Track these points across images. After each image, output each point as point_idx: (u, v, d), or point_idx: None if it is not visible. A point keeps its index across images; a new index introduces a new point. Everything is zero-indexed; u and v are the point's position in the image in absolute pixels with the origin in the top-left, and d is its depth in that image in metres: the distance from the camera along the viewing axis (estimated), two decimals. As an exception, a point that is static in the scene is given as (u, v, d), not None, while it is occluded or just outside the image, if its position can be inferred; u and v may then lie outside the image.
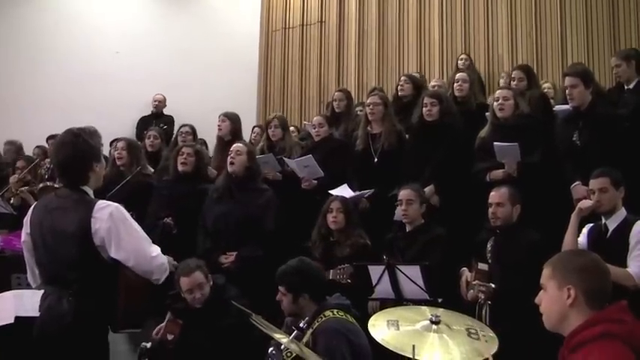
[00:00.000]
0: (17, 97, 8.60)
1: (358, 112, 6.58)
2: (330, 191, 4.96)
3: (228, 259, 4.75)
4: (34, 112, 8.43)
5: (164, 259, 2.96)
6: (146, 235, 2.96)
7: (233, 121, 5.98)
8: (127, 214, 2.89)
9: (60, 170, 3.00)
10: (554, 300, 2.11)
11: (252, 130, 7.29)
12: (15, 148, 7.78)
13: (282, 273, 3.48)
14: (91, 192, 2.95)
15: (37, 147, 7.61)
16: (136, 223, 2.93)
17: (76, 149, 2.90)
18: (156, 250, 2.94)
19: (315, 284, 3.49)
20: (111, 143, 5.82)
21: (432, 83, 7.00)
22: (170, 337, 3.84)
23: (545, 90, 6.75)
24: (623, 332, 1.97)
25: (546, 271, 2.16)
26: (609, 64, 6.97)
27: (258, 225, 4.86)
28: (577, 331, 2.03)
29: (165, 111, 9.06)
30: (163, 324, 3.89)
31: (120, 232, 2.81)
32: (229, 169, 5.04)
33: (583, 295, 2.06)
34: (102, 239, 2.79)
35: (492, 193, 4.17)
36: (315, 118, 5.99)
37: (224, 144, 5.78)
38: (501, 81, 7.49)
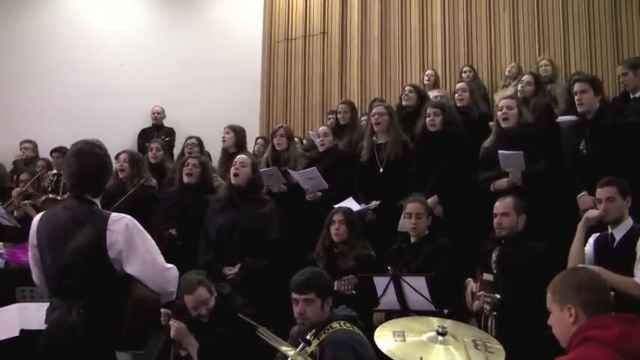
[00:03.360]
0: (20, 108, 8.61)
1: (363, 122, 6.58)
2: (336, 205, 4.93)
3: (232, 270, 4.71)
4: (37, 123, 8.44)
5: (177, 272, 2.91)
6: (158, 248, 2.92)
7: (238, 133, 6.05)
8: (141, 226, 2.83)
9: (78, 181, 2.87)
10: (559, 320, 2.24)
11: (256, 141, 7.29)
12: (32, 146, 7.99)
13: (310, 279, 3.32)
14: (98, 204, 2.92)
15: (41, 159, 7.63)
16: (149, 235, 2.88)
17: (99, 161, 2.89)
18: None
19: (332, 290, 3.46)
20: (117, 156, 5.83)
21: (435, 93, 7.00)
22: (183, 353, 3.84)
23: (543, 67, 6.75)
24: (605, 336, 2.06)
25: (549, 295, 2.30)
26: (612, 74, 6.99)
27: (262, 234, 4.84)
28: (570, 340, 2.15)
29: (168, 123, 9.07)
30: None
31: (137, 244, 2.76)
32: (233, 180, 5.03)
33: (583, 310, 2.17)
34: (118, 252, 2.73)
35: (497, 203, 4.14)
36: (320, 128, 6.03)
37: (228, 155, 5.81)
38: None
